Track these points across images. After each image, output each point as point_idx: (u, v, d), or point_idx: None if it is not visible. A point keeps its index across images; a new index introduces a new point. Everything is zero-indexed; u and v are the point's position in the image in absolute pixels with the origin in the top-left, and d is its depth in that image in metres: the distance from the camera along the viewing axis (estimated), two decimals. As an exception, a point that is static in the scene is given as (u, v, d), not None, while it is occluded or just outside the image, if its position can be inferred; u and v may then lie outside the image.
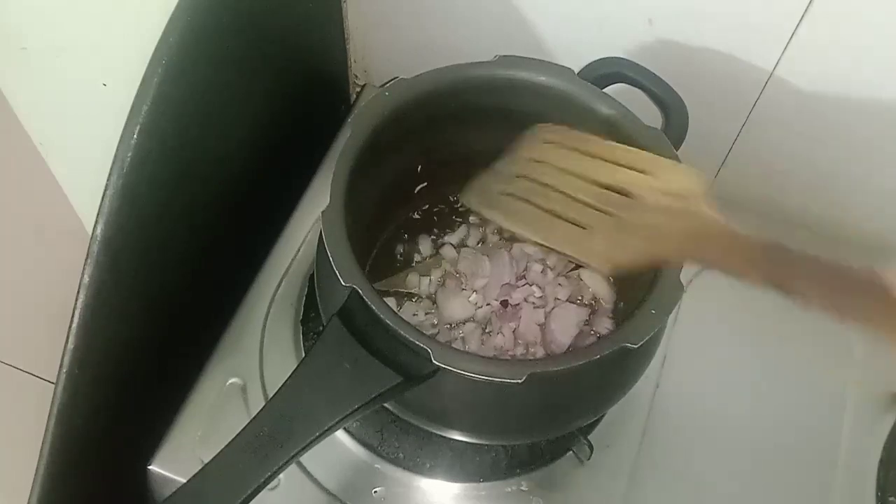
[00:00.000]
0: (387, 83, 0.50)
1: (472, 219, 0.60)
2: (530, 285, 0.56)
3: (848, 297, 0.36)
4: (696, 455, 0.57)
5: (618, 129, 0.49)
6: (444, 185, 0.59)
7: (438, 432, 0.48)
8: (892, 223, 0.66)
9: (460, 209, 0.60)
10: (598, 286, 0.56)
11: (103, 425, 0.53)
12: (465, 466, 0.54)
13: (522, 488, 0.54)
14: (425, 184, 0.59)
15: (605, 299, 0.56)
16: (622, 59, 0.52)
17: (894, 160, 0.62)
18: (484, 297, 0.55)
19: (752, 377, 0.60)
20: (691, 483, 0.56)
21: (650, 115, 0.50)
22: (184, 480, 0.40)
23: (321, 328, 0.47)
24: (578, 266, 0.57)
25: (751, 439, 0.58)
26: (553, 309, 0.55)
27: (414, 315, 0.55)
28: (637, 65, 0.51)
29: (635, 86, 0.51)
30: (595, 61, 0.51)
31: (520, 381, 0.39)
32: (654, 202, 0.42)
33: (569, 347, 0.53)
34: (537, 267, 0.56)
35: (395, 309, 0.45)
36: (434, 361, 0.40)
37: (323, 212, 0.44)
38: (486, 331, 0.54)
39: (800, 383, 0.60)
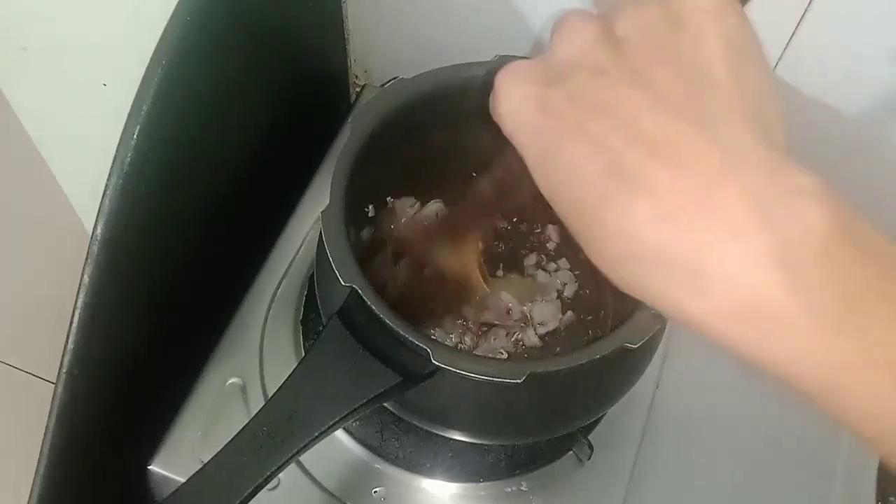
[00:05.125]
0: (387, 83, 0.50)
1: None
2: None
3: None
4: (696, 455, 0.57)
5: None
6: (444, 185, 0.59)
7: (438, 432, 0.48)
8: (891, 225, 0.66)
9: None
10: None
11: (103, 425, 0.53)
12: (464, 466, 0.54)
13: (522, 488, 0.54)
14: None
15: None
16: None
17: (895, 161, 0.62)
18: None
19: (752, 377, 0.60)
20: (692, 483, 0.56)
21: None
22: (183, 480, 0.40)
23: (321, 328, 0.47)
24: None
25: (751, 439, 0.58)
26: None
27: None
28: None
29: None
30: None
31: (519, 381, 0.39)
32: None
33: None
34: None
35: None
36: (433, 361, 0.40)
37: (323, 211, 0.44)
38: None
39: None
